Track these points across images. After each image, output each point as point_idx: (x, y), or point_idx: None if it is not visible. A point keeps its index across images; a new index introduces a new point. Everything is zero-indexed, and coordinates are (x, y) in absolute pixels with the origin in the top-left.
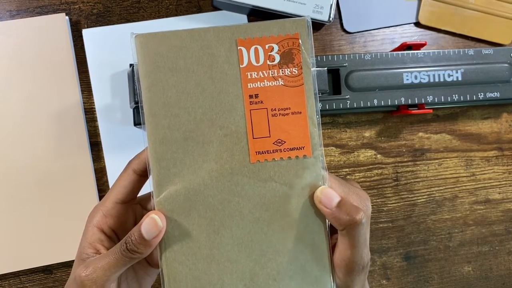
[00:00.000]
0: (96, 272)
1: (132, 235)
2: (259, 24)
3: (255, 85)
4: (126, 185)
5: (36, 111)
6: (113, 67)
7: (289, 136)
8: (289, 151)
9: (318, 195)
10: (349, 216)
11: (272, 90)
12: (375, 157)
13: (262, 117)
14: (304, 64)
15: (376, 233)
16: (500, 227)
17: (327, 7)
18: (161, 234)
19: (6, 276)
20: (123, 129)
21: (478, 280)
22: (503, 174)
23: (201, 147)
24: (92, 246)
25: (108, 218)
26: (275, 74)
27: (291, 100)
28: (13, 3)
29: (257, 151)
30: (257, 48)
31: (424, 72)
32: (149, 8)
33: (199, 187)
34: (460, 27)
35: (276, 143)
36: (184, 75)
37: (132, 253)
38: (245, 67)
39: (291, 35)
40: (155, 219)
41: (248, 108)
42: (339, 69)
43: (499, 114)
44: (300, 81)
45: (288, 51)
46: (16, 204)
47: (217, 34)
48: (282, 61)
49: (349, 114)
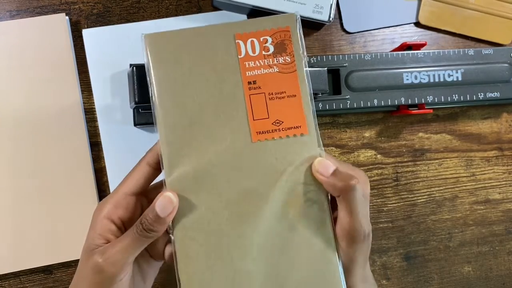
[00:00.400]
0: (114, 256)
1: (147, 215)
2: (254, 20)
3: (252, 73)
4: (139, 177)
5: (36, 111)
6: (113, 67)
7: (286, 116)
8: (287, 130)
9: (315, 165)
10: (344, 181)
11: (268, 76)
12: (375, 157)
13: (260, 101)
14: (296, 53)
15: (376, 233)
16: (500, 227)
17: (327, 7)
18: (175, 210)
19: (6, 276)
20: (123, 129)
21: (478, 280)
22: (503, 174)
23: (206, 130)
24: (103, 236)
25: (118, 209)
26: (270, 63)
27: (286, 85)
28: (13, 3)
29: (258, 131)
30: (253, 41)
31: (424, 72)
32: (149, 8)
33: (207, 167)
34: (460, 27)
35: (274, 123)
36: (189, 68)
37: (148, 231)
38: (243, 58)
39: (283, 28)
40: (170, 196)
41: (248, 93)
42: (339, 69)
43: (499, 114)
44: (293, 68)
45: (280, 42)
46: (16, 204)
47: (217, 30)
48: (276, 51)
49: (349, 114)
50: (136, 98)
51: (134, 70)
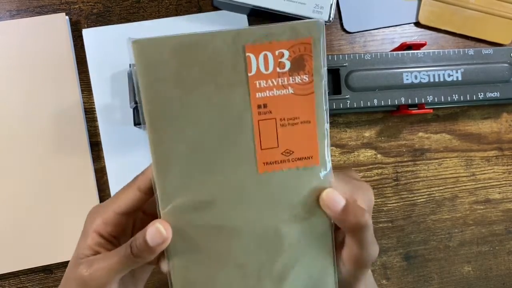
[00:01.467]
0: (99, 272)
1: (137, 240)
2: (268, 28)
3: (263, 95)
4: (128, 201)
5: (36, 111)
6: (113, 67)
7: (298, 146)
8: (297, 161)
9: (324, 199)
10: (356, 219)
11: (281, 99)
12: (375, 157)
13: (270, 128)
14: (315, 71)
15: (376, 233)
16: (500, 227)
17: (327, 7)
18: (166, 242)
19: (6, 276)
20: (123, 129)
21: (478, 280)
22: (503, 174)
23: (207, 159)
24: (92, 249)
25: (108, 226)
26: (285, 82)
27: (300, 109)
28: (13, 3)
29: (265, 162)
30: (266, 55)
31: (424, 72)
32: (149, 8)
33: (207, 199)
34: (460, 27)
35: (284, 153)
36: (187, 86)
37: (136, 257)
38: (254, 75)
39: (303, 39)
40: (159, 228)
41: (256, 118)
42: (339, 69)
43: (499, 114)
44: (311, 89)
45: (299, 57)
46: (16, 204)
47: (222, 39)
48: (293, 68)
49: (349, 114)
50: (136, 98)
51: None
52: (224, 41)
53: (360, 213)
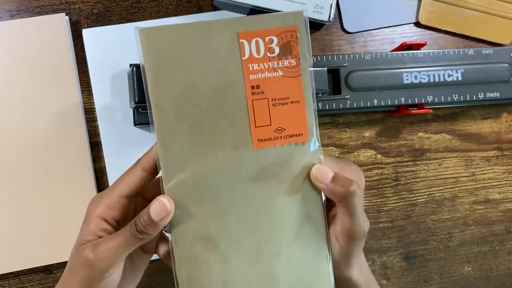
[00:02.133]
0: (105, 253)
1: (141, 217)
2: (259, 17)
3: (256, 77)
4: (133, 181)
5: (36, 111)
6: (113, 67)
7: (288, 123)
8: (288, 138)
9: (314, 173)
10: (344, 188)
11: (272, 81)
12: (375, 157)
13: (263, 107)
14: (301, 55)
15: (376, 233)
16: (500, 227)
17: (327, 7)
18: (169, 216)
19: (6, 276)
20: (123, 129)
21: (478, 280)
22: (503, 174)
23: (207, 136)
24: (95, 234)
25: (112, 210)
26: (275, 66)
27: (290, 90)
28: (13, 3)
29: (259, 138)
30: (258, 41)
31: (424, 72)
32: (149, 8)
33: (206, 174)
34: (460, 27)
35: (276, 130)
36: (188, 68)
37: (141, 234)
38: (247, 59)
39: (289, 27)
40: (164, 202)
41: (251, 98)
42: (339, 69)
43: (499, 114)
44: (298, 72)
45: (286, 43)
46: (16, 204)
47: (220, 27)
48: (281, 53)
49: (349, 114)
50: (136, 98)
51: (134, 70)
52: (221, 28)
53: (348, 182)
